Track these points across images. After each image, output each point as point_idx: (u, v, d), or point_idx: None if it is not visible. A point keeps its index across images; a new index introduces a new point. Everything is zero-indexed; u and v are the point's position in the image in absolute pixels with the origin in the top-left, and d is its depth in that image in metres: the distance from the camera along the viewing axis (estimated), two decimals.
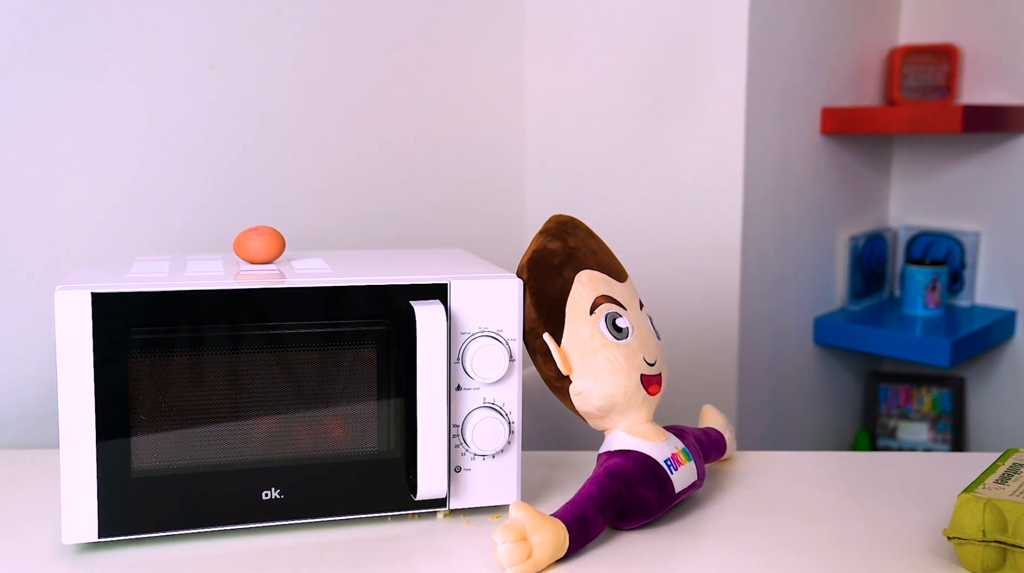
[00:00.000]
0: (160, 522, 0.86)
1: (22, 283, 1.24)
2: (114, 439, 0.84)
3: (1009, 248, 2.12)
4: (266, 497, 0.88)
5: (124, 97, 1.32)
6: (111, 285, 0.83)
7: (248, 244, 0.96)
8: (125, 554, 0.85)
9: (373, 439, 0.90)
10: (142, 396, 0.84)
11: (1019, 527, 0.81)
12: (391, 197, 1.65)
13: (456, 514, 0.95)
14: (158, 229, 1.37)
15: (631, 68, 1.80)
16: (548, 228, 0.96)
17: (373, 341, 0.89)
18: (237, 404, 0.87)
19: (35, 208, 1.25)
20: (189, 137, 1.39)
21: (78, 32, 1.26)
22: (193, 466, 0.86)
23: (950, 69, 2.10)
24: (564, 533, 0.83)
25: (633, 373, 0.91)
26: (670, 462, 0.92)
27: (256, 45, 1.45)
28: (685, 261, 1.82)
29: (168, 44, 1.35)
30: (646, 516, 0.90)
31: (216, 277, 0.89)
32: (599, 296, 0.93)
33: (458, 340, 0.91)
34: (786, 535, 0.92)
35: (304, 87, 1.51)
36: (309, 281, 0.88)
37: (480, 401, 0.92)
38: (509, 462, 0.94)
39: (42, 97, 1.24)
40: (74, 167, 1.28)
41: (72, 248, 1.28)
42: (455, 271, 0.94)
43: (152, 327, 0.84)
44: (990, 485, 0.86)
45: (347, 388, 0.89)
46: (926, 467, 1.13)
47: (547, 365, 0.93)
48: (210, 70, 1.39)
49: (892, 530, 0.93)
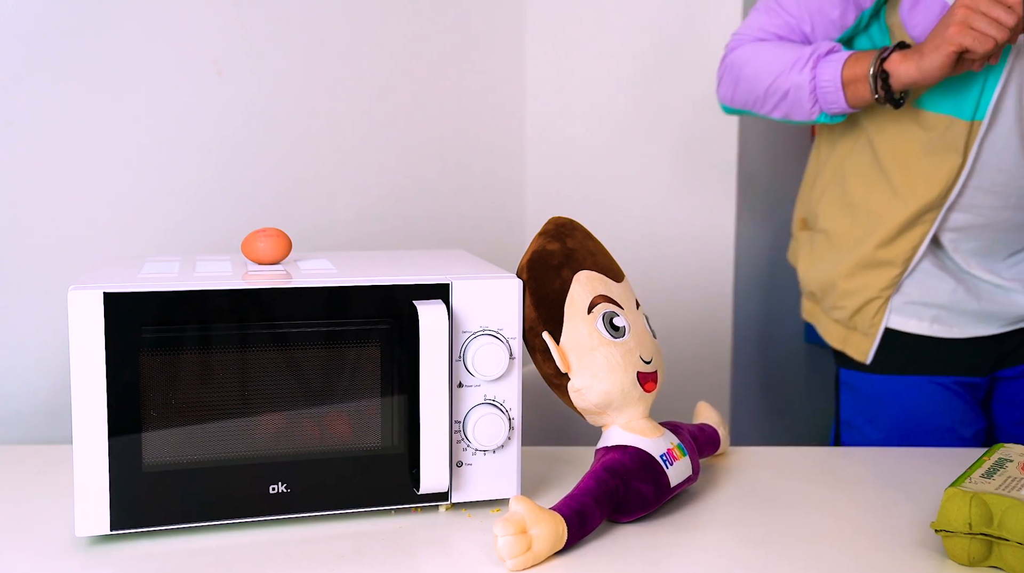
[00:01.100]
0: (170, 515, 0.87)
1: (36, 283, 1.26)
2: (126, 435, 0.85)
3: None
4: (273, 491, 0.90)
5: (136, 102, 1.33)
6: (123, 285, 0.85)
7: (256, 245, 0.98)
8: (136, 546, 0.87)
9: (377, 435, 0.92)
10: (153, 393, 0.86)
11: (1004, 520, 0.82)
12: (395, 199, 1.66)
13: (458, 508, 0.96)
14: (168, 230, 1.38)
15: (629, 71, 1.81)
16: (547, 230, 0.98)
17: (377, 340, 0.91)
18: (245, 401, 0.88)
19: (49, 210, 1.27)
20: (198, 142, 1.40)
21: (90, 40, 1.28)
22: (202, 461, 0.88)
23: None
24: (563, 526, 0.84)
25: (630, 371, 0.93)
26: (666, 457, 0.94)
27: (263, 52, 1.46)
28: (680, 261, 1.84)
29: (178, 51, 1.36)
30: (642, 509, 0.92)
31: (225, 277, 0.91)
32: (597, 296, 0.94)
33: (459, 338, 0.92)
34: (778, 528, 0.93)
35: (310, 92, 1.53)
36: (315, 281, 0.90)
37: (481, 398, 0.94)
38: (509, 457, 0.95)
39: (56, 103, 1.26)
40: (87, 171, 1.29)
41: (85, 249, 1.29)
42: (457, 271, 0.96)
43: (163, 326, 0.86)
44: (976, 479, 0.87)
45: (352, 385, 0.91)
46: (914, 462, 1.15)
47: (546, 363, 0.94)
48: (219, 76, 1.40)
49: (881, 523, 0.94)
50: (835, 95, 1.24)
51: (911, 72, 1.17)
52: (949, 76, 1.18)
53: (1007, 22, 1.09)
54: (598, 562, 0.85)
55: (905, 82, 1.19)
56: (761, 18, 1.34)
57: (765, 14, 1.33)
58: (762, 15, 1.34)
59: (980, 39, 1.10)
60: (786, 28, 1.32)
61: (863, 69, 1.21)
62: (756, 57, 1.31)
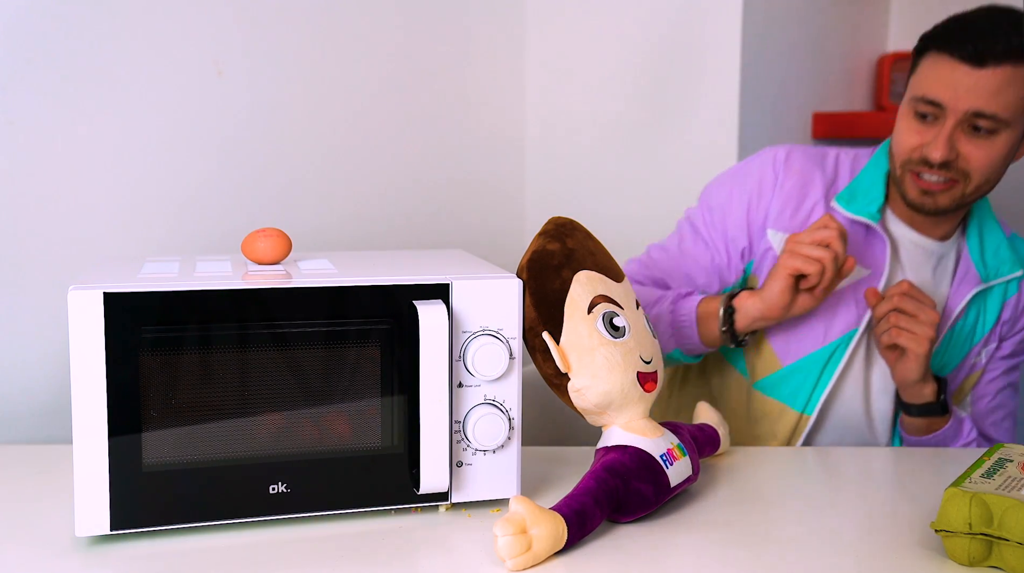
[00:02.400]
0: (170, 515, 0.87)
1: (36, 283, 1.26)
2: (126, 435, 0.85)
3: None
4: (273, 491, 0.90)
5: (135, 102, 1.33)
6: (123, 285, 0.85)
7: (256, 245, 0.98)
8: (136, 546, 0.87)
9: (377, 435, 0.92)
10: (153, 393, 0.86)
11: (1004, 520, 0.82)
12: (395, 199, 1.66)
13: (458, 508, 0.96)
14: (168, 230, 1.38)
15: (629, 72, 1.81)
16: (547, 230, 0.98)
17: (377, 340, 0.91)
18: (245, 401, 0.88)
19: (49, 210, 1.27)
20: (198, 141, 1.40)
21: (91, 39, 1.28)
22: (202, 461, 0.88)
23: None
24: (563, 526, 0.84)
25: (629, 370, 0.93)
26: (666, 457, 0.94)
27: (263, 52, 1.46)
28: None
29: (177, 51, 1.36)
30: (642, 509, 0.92)
31: (225, 277, 0.91)
32: (597, 296, 0.94)
33: (459, 338, 0.92)
34: (778, 528, 0.93)
35: (310, 92, 1.53)
36: (315, 281, 0.90)
37: (481, 398, 0.94)
38: (509, 457, 0.95)
39: (56, 103, 1.26)
40: (87, 171, 1.30)
41: (85, 249, 1.29)
42: (456, 271, 0.96)
43: (162, 326, 0.86)
44: (976, 479, 0.87)
45: (352, 385, 0.91)
46: (914, 462, 1.15)
47: (546, 363, 0.94)
48: (218, 76, 1.41)
49: (881, 523, 0.94)
50: (690, 330, 1.30)
51: (756, 305, 1.24)
52: (791, 311, 1.23)
53: (830, 243, 1.18)
54: (598, 562, 0.85)
55: (752, 315, 1.25)
56: (638, 266, 1.43)
57: (639, 264, 1.42)
58: (639, 265, 1.42)
59: (808, 260, 1.19)
60: (656, 282, 1.41)
61: (715, 305, 1.28)
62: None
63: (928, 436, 1.28)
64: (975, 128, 1.21)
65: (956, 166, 1.22)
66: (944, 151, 1.21)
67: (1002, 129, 1.21)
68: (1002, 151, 1.22)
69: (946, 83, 1.20)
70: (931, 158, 1.22)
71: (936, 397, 1.26)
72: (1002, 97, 1.18)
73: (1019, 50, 1.17)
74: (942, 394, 1.27)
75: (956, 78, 1.19)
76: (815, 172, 1.34)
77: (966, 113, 1.19)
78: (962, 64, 1.18)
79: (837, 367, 1.31)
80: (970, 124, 1.21)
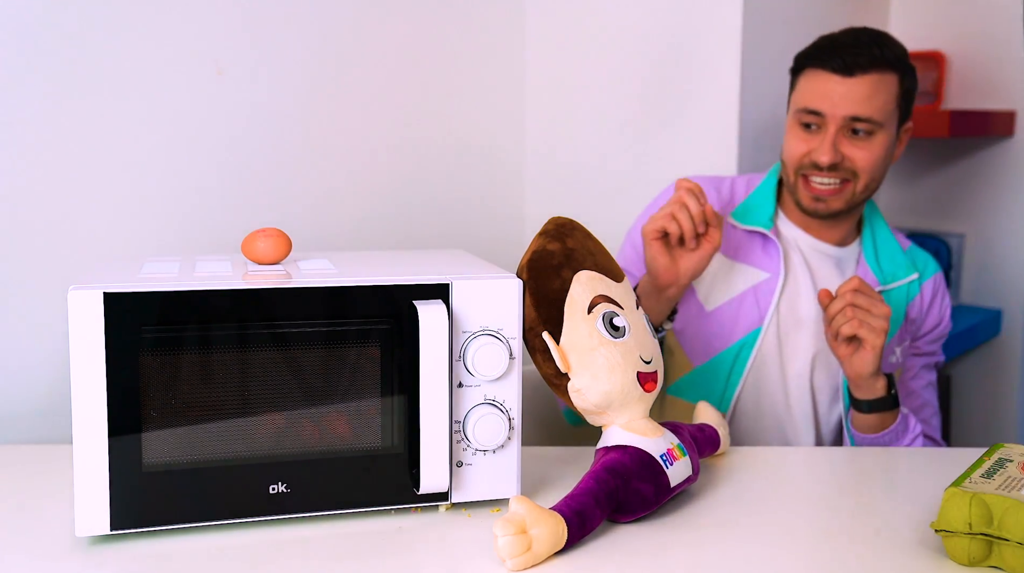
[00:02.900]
0: (170, 515, 0.87)
1: (36, 283, 1.26)
2: (126, 435, 0.85)
3: (994, 249, 2.14)
4: (273, 491, 0.90)
5: (136, 103, 1.33)
6: (123, 285, 0.85)
7: (256, 245, 0.98)
8: (136, 546, 0.87)
9: (377, 435, 0.92)
10: (153, 393, 0.86)
11: (1004, 520, 0.82)
12: (395, 199, 1.67)
13: (457, 508, 0.96)
14: (168, 231, 1.38)
15: (629, 73, 1.81)
16: (547, 230, 0.98)
17: (377, 340, 0.91)
18: (245, 401, 0.88)
19: (49, 211, 1.27)
20: (198, 142, 1.40)
21: (91, 40, 1.28)
22: (202, 461, 0.88)
23: (937, 75, 2.13)
24: (563, 526, 0.84)
25: (629, 370, 0.93)
26: (666, 457, 0.94)
27: (263, 52, 1.46)
28: None
29: (178, 51, 1.36)
30: (642, 509, 0.92)
31: (225, 277, 0.91)
32: (597, 296, 0.94)
33: (459, 338, 0.92)
34: (778, 528, 0.93)
35: (310, 92, 1.53)
36: (315, 281, 0.90)
37: (481, 398, 0.94)
38: (509, 457, 0.95)
39: (57, 104, 1.26)
40: (87, 171, 1.30)
41: (85, 249, 1.30)
42: (456, 271, 0.96)
43: (162, 326, 0.86)
44: (976, 479, 0.87)
45: (352, 385, 0.91)
46: (914, 462, 1.15)
47: (546, 363, 0.94)
48: (219, 76, 1.41)
49: (881, 523, 0.95)
50: None
51: (644, 278, 1.28)
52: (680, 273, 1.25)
53: (680, 199, 1.23)
54: (598, 562, 0.85)
55: (646, 290, 1.27)
56: None
57: None
58: None
59: (664, 217, 1.23)
60: None
61: None
62: None
63: (881, 433, 1.30)
64: (854, 131, 1.33)
65: (844, 167, 1.34)
66: (831, 154, 1.32)
67: (878, 130, 1.33)
68: (881, 151, 1.35)
69: (823, 94, 1.33)
70: (820, 162, 1.33)
71: (887, 391, 1.29)
72: (873, 101, 1.32)
73: (882, 60, 1.32)
74: (892, 389, 1.29)
75: (831, 88, 1.32)
76: (710, 194, 1.45)
77: (844, 118, 1.32)
78: (834, 75, 1.32)
79: (745, 366, 1.37)
80: (850, 128, 1.33)
